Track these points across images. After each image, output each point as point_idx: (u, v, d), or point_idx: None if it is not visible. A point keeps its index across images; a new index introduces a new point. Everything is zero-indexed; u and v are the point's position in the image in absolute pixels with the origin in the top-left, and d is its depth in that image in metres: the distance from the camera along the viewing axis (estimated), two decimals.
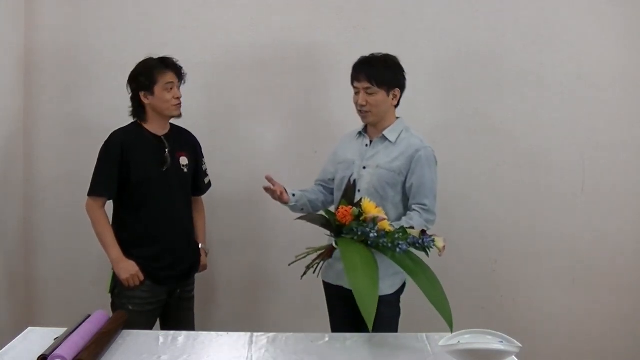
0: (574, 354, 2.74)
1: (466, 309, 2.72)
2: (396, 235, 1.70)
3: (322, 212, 1.99)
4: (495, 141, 2.68)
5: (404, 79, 2.08)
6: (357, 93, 2.06)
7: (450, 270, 2.70)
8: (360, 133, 2.16)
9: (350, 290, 2.05)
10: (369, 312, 1.53)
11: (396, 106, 2.10)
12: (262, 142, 2.72)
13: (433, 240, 1.70)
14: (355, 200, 1.87)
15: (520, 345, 1.46)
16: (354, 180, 2.01)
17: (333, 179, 2.19)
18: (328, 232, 1.88)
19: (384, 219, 1.76)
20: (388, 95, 2.03)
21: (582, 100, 2.66)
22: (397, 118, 2.11)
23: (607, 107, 2.67)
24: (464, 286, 2.73)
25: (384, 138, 2.07)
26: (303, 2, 2.65)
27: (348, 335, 1.78)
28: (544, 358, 2.67)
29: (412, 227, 1.79)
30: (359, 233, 1.73)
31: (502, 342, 1.49)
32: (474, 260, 2.73)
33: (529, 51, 2.64)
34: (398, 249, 1.67)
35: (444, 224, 2.66)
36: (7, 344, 1.60)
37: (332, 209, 1.99)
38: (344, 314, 2.13)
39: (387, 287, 2.04)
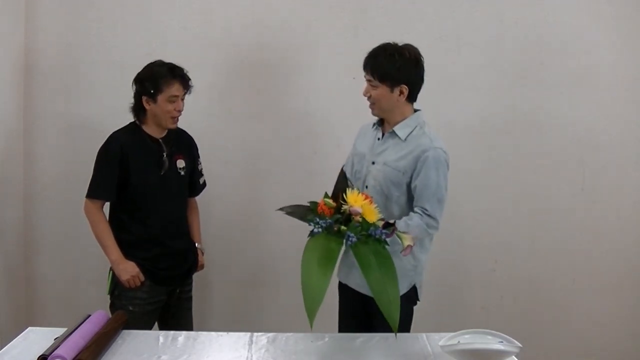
0: (574, 354, 2.75)
1: (466, 309, 2.74)
2: (356, 227, 1.59)
3: (308, 204, 1.80)
4: (495, 141, 2.68)
5: (416, 74, 1.95)
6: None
7: (451, 270, 2.73)
8: (375, 124, 2.07)
9: (367, 296, 1.88)
10: (311, 309, 1.47)
11: (412, 100, 1.98)
12: (262, 142, 2.72)
13: (387, 232, 1.60)
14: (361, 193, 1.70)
15: (520, 345, 1.46)
16: (344, 171, 1.92)
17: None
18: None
19: (359, 213, 1.62)
20: (392, 92, 1.91)
21: (582, 100, 2.66)
22: (416, 111, 1.99)
23: (607, 107, 2.67)
24: (464, 286, 2.74)
25: (394, 134, 1.96)
26: (303, 2, 2.65)
27: (348, 335, 1.78)
28: (544, 358, 2.67)
29: (401, 229, 1.71)
30: (325, 226, 1.60)
31: (502, 342, 1.49)
32: (474, 260, 2.73)
33: (529, 51, 2.64)
34: (349, 241, 1.57)
35: (444, 224, 2.67)
36: (7, 344, 1.60)
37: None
38: (359, 319, 2.03)
39: (404, 287, 1.89)
